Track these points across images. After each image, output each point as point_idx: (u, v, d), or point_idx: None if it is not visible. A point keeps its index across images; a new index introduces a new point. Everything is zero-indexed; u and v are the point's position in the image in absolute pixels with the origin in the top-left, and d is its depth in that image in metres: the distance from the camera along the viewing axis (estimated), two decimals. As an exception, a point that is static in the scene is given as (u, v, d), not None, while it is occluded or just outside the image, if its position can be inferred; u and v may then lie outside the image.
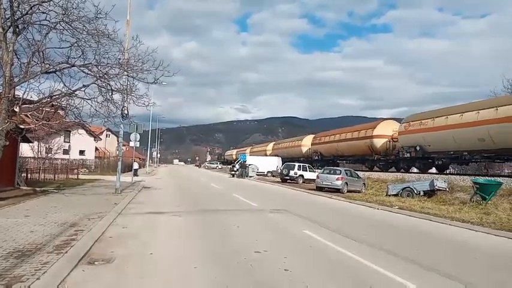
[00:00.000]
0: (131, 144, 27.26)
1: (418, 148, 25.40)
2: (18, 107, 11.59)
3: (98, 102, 12.75)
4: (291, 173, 31.28)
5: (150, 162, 63.52)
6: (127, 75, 13.17)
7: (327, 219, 11.01)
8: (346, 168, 25.76)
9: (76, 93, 12.26)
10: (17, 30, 11.16)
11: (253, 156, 50.36)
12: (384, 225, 10.72)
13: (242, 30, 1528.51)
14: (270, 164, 44.65)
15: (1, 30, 10.67)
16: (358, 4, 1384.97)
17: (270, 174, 42.47)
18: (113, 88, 12.92)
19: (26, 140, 18.16)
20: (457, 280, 5.33)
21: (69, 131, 38.30)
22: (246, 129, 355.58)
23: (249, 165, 40.74)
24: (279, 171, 34.75)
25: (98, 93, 12.74)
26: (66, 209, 10.42)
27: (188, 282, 4.89)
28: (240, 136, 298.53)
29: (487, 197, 14.50)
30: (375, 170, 33.30)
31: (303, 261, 6.04)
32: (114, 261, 5.60)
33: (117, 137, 24.25)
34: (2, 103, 10.71)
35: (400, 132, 28.16)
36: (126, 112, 15.68)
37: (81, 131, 33.36)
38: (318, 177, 23.58)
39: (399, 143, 28.28)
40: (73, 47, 11.70)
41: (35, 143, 29.77)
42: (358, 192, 21.65)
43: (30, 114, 12.07)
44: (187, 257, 6.05)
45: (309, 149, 46.35)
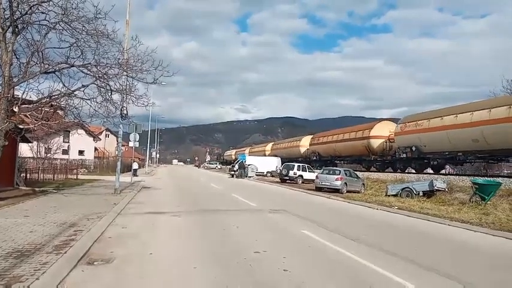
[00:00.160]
0: (130, 144, 27.23)
1: (414, 148, 25.62)
2: (17, 107, 11.59)
3: (97, 102, 12.75)
4: (291, 173, 31.30)
5: (150, 162, 63.51)
6: (126, 76, 13.17)
7: (326, 220, 11.01)
8: (346, 168, 25.77)
9: (75, 93, 12.26)
10: (16, 30, 11.16)
11: (252, 156, 50.37)
12: (383, 226, 10.73)
13: (242, 30, 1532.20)
14: (270, 164, 44.65)
15: (0, 30, 10.67)
16: (358, 4, 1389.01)
17: (269, 175, 42.45)
18: (112, 88, 12.92)
19: (25, 140, 18.14)
20: (456, 280, 5.34)
21: (69, 131, 38.33)
22: (246, 129, 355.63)
23: (249, 165, 40.74)
24: (279, 172, 34.76)
25: (97, 93, 12.75)
26: (66, 209, 10.41)
27: (188, 282, 4.89)
28: (239, 136, 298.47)
29: (486, 197, 14.51)
30: (372, 170, 33.49)
31: (302, 262, 6.05)
32: (113, 261, 5.60)
33: (117, 137, 24.24)
34: (1, 103, 10.71)
35: (396, 132, 28.36)
36: (125, 112, 15.68)
37: (80, 131, 33.41)
38: (317, 177, 23.57)
39: (396, 143, 28.47)
40: (72, 47, 11.70)
41: (34, 143, 29.80)
42: (358, 192, 21.66)
43: (29, 114, 12.06)
44: (187, 257, 6.06)
45: (307, 149, 46.42)
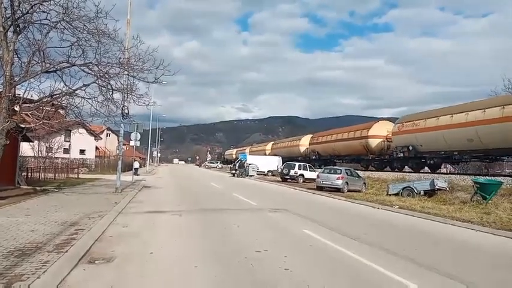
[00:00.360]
0: (131, 143, 27.30)
1: (410, 148, 26.07)
2: (18, 106, 11.60)
3: (98, 102, 12.76)
4: (291, 172, 31.29)
5: (151, 161, 63.58)
6: (127, 75, 13.18)
7: (327, 219, 11.01)
8: (347, 167, 25.77)
9: (76, 92, 12.27)
10: (17, 29, 11.18)
11: (252, 155, 50.46)
12: (384, 225, 10.72)
13: (243, 29, 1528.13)
14: (270, 164, 44.70)
15: (2, 30, 10.68)
16: (360, 4, 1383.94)
17: (270, 174, 42.50)
18: (113, 87, 12.93)
19: (27, 139, 18.19)
20: (457, 280, 5.33)
21: (70, 130, 38.50)
22: (247, 128, 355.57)
23: (250, 164, 40.77)
24: (279, 171, 34.76)
25: (98, 92, 12.76)
26: (67, 208, 10.43)
27: (189, 281, 4.90)
28: (240, 135, 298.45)
29: (488, 196, 14.49)
30: (370, 169, 33.90)
31: (303, 261, 6.05)
32: (114, 260, 5.60)
33: (118, 136, 24.25)
34: (2, 102, 10.72)
35: (393, 132, 28.82)
36: (126, 111, 15.70)
37: (81, 130, 33.45)
38: (318, 176, 23.56)
39: (393, 143, 28.90)
40: (73, 46, 11.72)
41: (36, 142, 29.88)
42: (359, 191, 21.64)
43: (30, 114, 12.07)
44: (187, 256, 6.06)
45: (306, 148, 46.79)
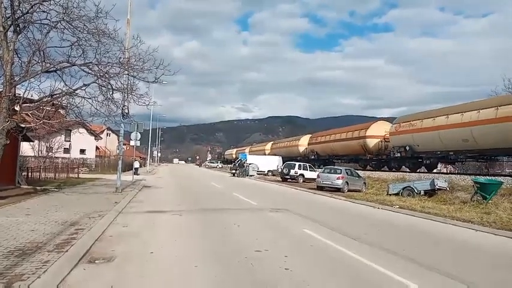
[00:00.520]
0: (132, 143, 27.29)
1: (407, 148, 26.44)
2: (18, 106, 11.60)
3: (98, 101, 12.76)
4: (292, 172, 31.29)
5: (151, 161, 63.60)
6: (127, 75, 13.18)
7: (328, 219, 11.00)
8: (347, 167, 25.79)
9: (77, 92, 12.27)
10: (17, 29, 11.18)
11: (252, 155, 50.55)
12: (385, 225, 10.72)
13: (243, 29, 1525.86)
14: (271, 163, 44.74)
15: (2, 29, 10.67)
16: (360, 4, 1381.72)
17: (270, 174, 42.52)
18: (113, 87, 12.92)
19: (27, 139, 18.19)
20: (458, 280, 5.32)
21: (70, 130, 38.50)
22: (247, 128, 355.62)
23: (250, 164, 40.80)
24: (280, 170, 34.77)
25: (98, 92, 12.76)
26: (67, 207, 10.43)
27: (189, 281, 4.89)
28: (240, 135, 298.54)
29: (488, 196, 14.48)
30: (368, 169, 34.22)
31: (303, 261, 6.04)
32: (114, 260, 5.60)
33: (118, 136, 24.24)
34: (2, 102, 10.72)
35: (391, 132, 29.19)
36: (126, 111, 15.71)
37: (81, 130, 33.46)
38: (318, 176, 23.56)
39: (390, 143, 29.25)
40: (74, 46, 11.72)
41: (36, 142, 29.90)
42: (359, 191, 21.63)
43: (30, 113, 12.08)
44: (187, 256, 6.06)
45: (305, 148, 47.05)
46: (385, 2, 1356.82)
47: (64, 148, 39.02)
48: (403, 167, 29.36)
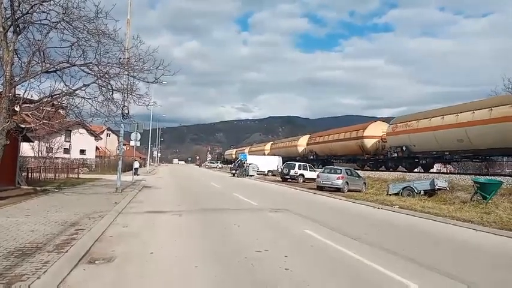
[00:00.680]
0: (132, 143, 27.27)
1: (404, 148, 26.75)
2: (18, 106, 11.60)
3: (98, 102, 12.76)
4: (292, 172, 31.29)
5: (151, 161, 63.58)
6: (127, 75, 13.19)
7: (328, 219, 11.00)
8: (347, 167, 25.80)
9: (76, 92, 12.27)
10: (17, 29, 11.17)
11: (251, 155, 50.60)
12: (385, 225, 10.72)
13: (243, 29, 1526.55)
14: (271, 163, 44.76)
15: (2, 30, 10.67)
16: (360, 4, 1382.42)
17: (270, 174, 42.53)
18: (113, 87, 12.93)
19: (27, 140, 18.19)
20: (458, 280, 5.32)
21: (70, 131, 38.50)
22: (247, 128, 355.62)
23: (250, 164, 40.81)
24: (280, 171, 34.77)
25: (98, 92, 12.77)
26: (67, 208, 10.43)
27: (189, 281, 4.89)
28: (240, 135, 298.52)
29: (488, 196, 14.48)
30: (365, 169, 34.47)
31: (303, 261, 6.04)
32: (114, 260, 5.60)
33: (118, 136, 24.25)
34: (2, 102, 10.72)
35: (388, 133, 29.50)
36: (126, 111, 15.70)
37: (81, 131, 33.48)
38: (318, 176, 23.56)
39: (387, 143, 29.54)
40: (73, 47, 11.72)
41: (36, 142, 29.86)
42: (359, 191, 21.63)
43: (30, 114, 12.07)
44: (187, 256, 6.06)
45: (304, 148, 47.29)
46: (385, 2, 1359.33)
47: (64, 148, 39.00)
48: (400, 167, 29.56)
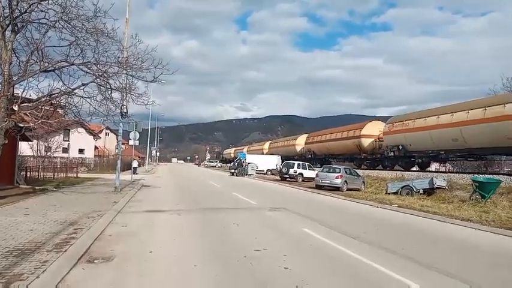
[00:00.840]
0: (130, 142, 27.28)
1: (400, 147, 27.04)
2: (17, 106, 11.59)
3: (97, 101, 12.76)
4: (291, 171, 31.33)
5: (150, 160, 63.53)
6: (126, 74, 13.17)
7: (327, 218, 11.01)
8: (346, 166, 25.83)
9: (75, 91, 12.26)
10: (15, 28, 11.15)
11: (250, 154, 50.64)
12: (384, 224, 10.73)
13: (242, 29, 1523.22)
14: (270, 163, 44.76)
15: (0, 29, 10.64)
16: (359, 3, 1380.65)
17: (269, 173, 42.52)
18: (112, 87, 12.92)
19: (25, 139, 18.15)
20: (457, 279, 5.33)
21: (69, 130, 38.51)
22: (246, 127, 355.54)
23: (249, 163, 40.83)
24: (279, 170, 34.79)
25: (97, 91, 12.76)
26: (66, 207, 10.41)
27: (188, 280, 4.89)
28: (239, 134, 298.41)
29: (487, 195, 14.51)
30: (362, 168, 34.67)
31: (302, 260, 6.05)
32: (113, 259, 5.60)
33: (117, 135, 24.23)
34: (1, 101, 10.70)
35: (384, 132, 29.77)
36: (125, 111, 15.69)
37: (80, 130, 33.50)
38: (317, 175, 23.58)
39: (384, 142, 29.81)
40: (72, 46, 11.70)
41: (34, 141, 29.80)
42: (358, 190, 21.65)
43: (29, 113, 12.06)
44: (187, 255, 6.06)
45: (302, 147, 47.42)
46: (384, 1, 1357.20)
47: (63, 148, 38.91)
48: (397, 165, 29.77)
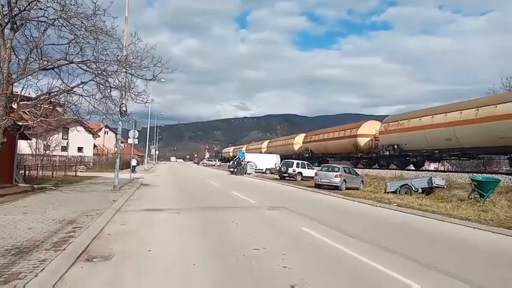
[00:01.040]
0: (130, 141, 27.21)
1: (395, 147, 27.33)
2: (16, 104, 11.55)
3: (96, 99, 12.70)
4: (290, 170, 31.37)
5: (149, 159, 63.48)
6: (125, 72, 13.13)
7: (326, 217, 11.02)
8: (345, 165, 25.87)
9: (74, 90, 12.22)
10: (14, 26, 11.09)
11: (249, 153, 50.70)
12: (382, 223, 10.75)
13: (242, 27, 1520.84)
14: (269, 161, 44.82)
15: (-1, 27, 10.61)
16: (358, 1, 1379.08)
17: (268, 172, 42.57)
18: (111, 85, 12.86)
19: (24, 137, 18.10)
20: (457, 278, 5.33)
21: (68, 128, 38.46)
22: (245, 126, 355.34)
23: (248, 162, 40.85)
24: (278, 169, 34.82)
25: (96, 90, 12.70)
26: (64, 206, 10.40)
27: (187, 279, 4.89)
28: (238, 133, 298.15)
29: (485, 194, 14.54)
30: (359, 167, 34.69)
31: (301, 258, 6.05)
32: (112, 258, 5.59)
33: (116, 134, 24.20)
34: (0, 100, 10.67)
35: (380, 131, 30.05)
36: (124, 109, 15.64)
37: (79, 128, 33.45)
38: (316, 174, 23.61)
39: (380, 141, 30.03)
40: (71, 44, 11.65)
41: (33, 140, 29.78)
42: (357, 189, 21.68)
43: (28, 111, 12.02)
44: (186, 254, 6.05)
45: (300, 146, 47.55)
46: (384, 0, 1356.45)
47: (62, 146, 38.90)
48: (392, 164, 29.95)
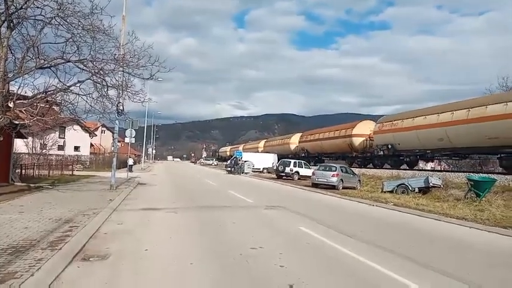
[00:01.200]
0: (126, 140, 27.11)
1: (389, 146, 27.72)
2: (12, 103, 11.49)
3: (93, 98, 12.65)
4: (287, 169, 31.41)
5: (146, 158, 63.35)
6: (122, 71, 13.09)
7: (323, 216, 11.04)
8: (342, 165, 25.92)
9: (71, 88, 12.17)
10: (11, 25, 11.03)
11: (246, 152, 50.75)
12: (380, 222, 10.77)
13: (240, 27, 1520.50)
14: (266, 161, 44.84)
15: (-5, 25, 10.55)
16: (357, 1, 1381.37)
17: (265, 171, 42.60)
18: (108, 84, 12.82)
19: (21, 136, 18.03)
20: (454, 278, 5.35)
21: (64, 127, 38.30)
22: (242, 125, 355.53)
23: (245, 161, 40.86)
24: (275, 168, 34.85)
25: (93, 89, 12.65)
26: (61, 205, 10.36)
27: (184, 278, 4.88)
28: (236, 133, 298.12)
29: (481, 193, 14.59)
30: (353, 166, 34.74)
31: (298, 258, 6.05)
32: (109, 257, 5.58)
33: (113, 133, 24.10)
34: (-4, 98, 10.62)
35: (375, 131, 30.41)
36: (121, 108, 15.60)
37: (76, 127, 33.22)
38: (313, 173, 23.63)
39: (374, 141, 30.42)
40: (68, 43, 11.61)
41: (30, 138, 29.64)
42: (353, 188, 21.74)
43: (24, 110, 11.97)
44: (183, 253, 6.04)
45: (296, 146, 47.85)
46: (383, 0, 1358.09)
47: (58, 145, 38.78)
48: (386, 164, 30.13)
